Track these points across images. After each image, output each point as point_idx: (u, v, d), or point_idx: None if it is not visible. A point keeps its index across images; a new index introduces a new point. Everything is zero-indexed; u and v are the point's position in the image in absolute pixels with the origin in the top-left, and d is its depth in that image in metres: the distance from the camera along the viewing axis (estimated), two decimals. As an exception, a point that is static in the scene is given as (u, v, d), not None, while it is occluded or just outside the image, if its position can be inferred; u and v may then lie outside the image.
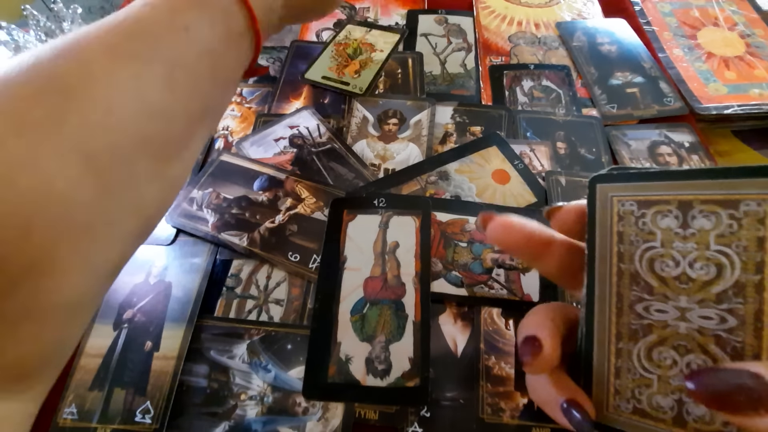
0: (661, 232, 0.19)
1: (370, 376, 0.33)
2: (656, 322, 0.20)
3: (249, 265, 0.39)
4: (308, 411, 0.33)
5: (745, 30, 0.58)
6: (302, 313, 0.37)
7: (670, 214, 0.19)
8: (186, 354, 0.35)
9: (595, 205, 0.21)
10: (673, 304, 0.19)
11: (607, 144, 0.47)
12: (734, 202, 0.18)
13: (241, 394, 0.33)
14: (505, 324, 0.36)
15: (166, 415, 0.32)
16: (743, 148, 0.50)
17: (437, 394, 0.33)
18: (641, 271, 0.20)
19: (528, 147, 0.46)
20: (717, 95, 0.51)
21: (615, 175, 0.21)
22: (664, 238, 0.19)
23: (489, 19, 0.60)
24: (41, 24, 0.58)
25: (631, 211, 0.20)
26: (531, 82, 0.53)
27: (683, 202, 0.19)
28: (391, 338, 0.35)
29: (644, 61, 0.54)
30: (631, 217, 0.20)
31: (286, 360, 0.35)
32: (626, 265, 0.20)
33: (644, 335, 0.20)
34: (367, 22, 0.59)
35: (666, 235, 0.19)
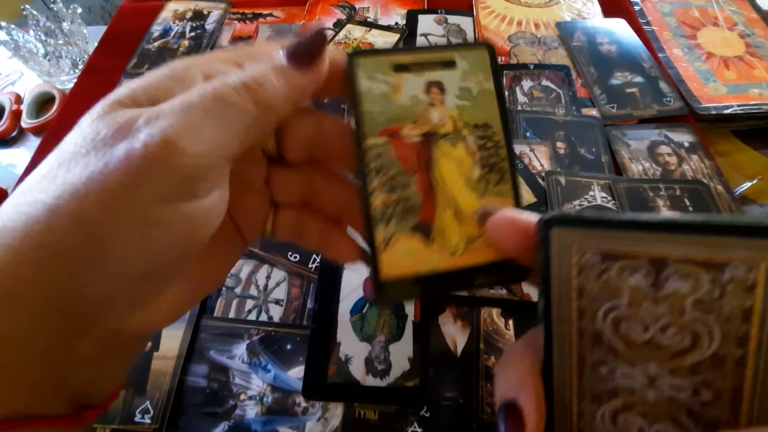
0: (628, 290, 0.17)
1: (370, 376, 0.33)
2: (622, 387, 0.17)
3: (249, 265, 0.39)
4: (308, 411, 0.33)
5: (745, 30, 0.58)
6: (302, 313, 0.37)
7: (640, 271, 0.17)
8: (186, 354, 0.35)
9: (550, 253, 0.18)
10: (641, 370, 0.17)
11: (607, 144, 0.47)
12: (719, 265, 0.15)
13: (240, 394, 0.33)
14: (505, 324, 0.36)
15: (165, 415, 0.32)
16: (743, 148, 0.50)
17: (437, 394, 0.33)
18: (605, 332, 0.17)
19: (528, 147, 0.46)
20: (717, 95, 0.51)
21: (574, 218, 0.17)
22: (632, 297, 0.17)
23: (489, 19, 0.60)
24: (41, 24, 0.58)
25: (593, 264, 0.17)
26: (531, 82, 0.53)
27: (656, 258, 0.16)
28: (391, 338, 0.35)
29: (644, 61, 0.54)
30: (593, 271, 0.17)
31: (286, 360, 0.35)
32: (588, 324, 0.17)
33: (609, 399, 0.18)
34: (366, 21, 0.59)
35: (634, 294, 0.17)
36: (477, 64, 0.21)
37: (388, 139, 0.20)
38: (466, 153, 0.21)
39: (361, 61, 0.20)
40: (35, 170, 0.16)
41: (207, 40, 0.58)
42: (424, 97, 0.20)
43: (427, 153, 0.20)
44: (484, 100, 0.21)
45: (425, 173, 0.20)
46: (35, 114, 0.57)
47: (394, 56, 0.20)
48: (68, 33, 0.60)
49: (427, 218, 0.20)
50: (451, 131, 0.21)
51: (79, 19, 0.61)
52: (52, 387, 0.17)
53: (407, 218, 0.20)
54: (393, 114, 0.20)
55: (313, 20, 0.60)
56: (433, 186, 0.20)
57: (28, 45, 0.57)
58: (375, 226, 0.20)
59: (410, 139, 0.20)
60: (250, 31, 0.59)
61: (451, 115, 0.21)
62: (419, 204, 0.20)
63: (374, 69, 0.20)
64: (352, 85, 0.20)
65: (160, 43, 0.58)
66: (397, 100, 0.20)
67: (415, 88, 0.20)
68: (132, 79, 0.56)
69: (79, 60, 0.61)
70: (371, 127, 0.20)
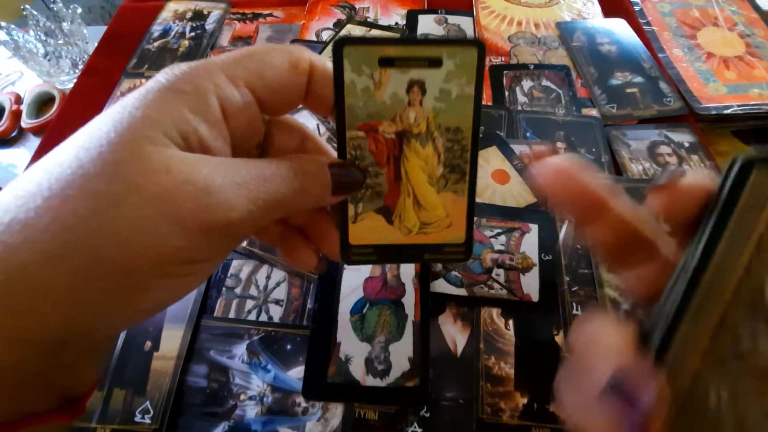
0: None
1: (370, 376, 0.33)
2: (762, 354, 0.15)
3: (249, 265, 0.39)
4: (308, 411, 0.33)
5: (745, 30, 0.58)
6: (302, 313, 0.37)
7: None
8: (186, 354, 0.35)
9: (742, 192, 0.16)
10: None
11: (607, 144, 0.47)
12: None
13: (240, 394, 0.33)
14: (505, 324, 0.36)
15: (165, 415, 0.32)
16: (743, 148, 0.50)
17: (437, 394, 0.33)
18: None
19: (528, 147, 0.46)
20: (717, 95, 0.51)
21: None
22: None
23: (489, 19, 0.60)
24: (41, 24, 0.58)
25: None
26: (531, 82, 0.53)
27: None
28: (391, 338, 0.35)
29: (644, 61, 0.54)
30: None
31: (286, 360, 0.35)
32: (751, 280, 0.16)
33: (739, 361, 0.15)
34: (366, 21, 0.59)
35: None
36: (463, 65, 0.21)
37: (365, 133, 0.22)
38: (433, 153, 0.23)
39: (348, 51, 0.21)
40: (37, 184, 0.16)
41: (207, 40, 0.58)
42: (405, 96, 0.22)
43: (399, 149, 0.22)
44: (460, 105, 0.22)
45: (394, 167, 0.23)
46: (35, 114, 0.57)
47: (382, 48, 0.21)
48: (68, 33, 0.60)
49: (390, 204, 0.23)
50: (423, 131, 0.22)
51: (79, 19, 0.61)
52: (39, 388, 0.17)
53: (374, 201, 0.23)
54: (373, 110, 0.22)
55: (313, 20, 0.60)
56: (400, 178, 0.23)
57: (28, 45, 0.57)
58: (348, 204, 0.23)
59: (386, 135, 0.22)
60: (250, 31, 0.59)
61: (426, 116, 0.22)
62: (385, 192, 0.23)
63: (360, 61, 0.21)
64: (338, 74, 0.21)
65: (160, 43, 0.58)
66: (378, 98, 0.21)
67: (398, 85, 0.21)
68: (132, 80, 0.55)
69: (79, 60, 0.61)
70: (352, 120, 0.22)
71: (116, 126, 0.16)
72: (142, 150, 0.16)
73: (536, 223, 0.40)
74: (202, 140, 0.18)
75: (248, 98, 0.20)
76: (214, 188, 0.17)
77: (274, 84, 0.20)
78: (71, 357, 0.17)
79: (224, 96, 0.19)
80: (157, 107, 0.17)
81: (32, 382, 0.17)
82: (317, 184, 0.21)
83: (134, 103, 0.17)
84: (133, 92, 0.18)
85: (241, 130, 0.20)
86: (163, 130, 0.17)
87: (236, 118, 0.19)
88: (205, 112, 0.18)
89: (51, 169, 0.16)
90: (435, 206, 0.24)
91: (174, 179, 0.16)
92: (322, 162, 0.21)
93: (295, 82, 0.21)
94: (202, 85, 0.18)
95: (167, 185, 0.16)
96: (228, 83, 0.19)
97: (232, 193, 0.17)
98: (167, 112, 0.17)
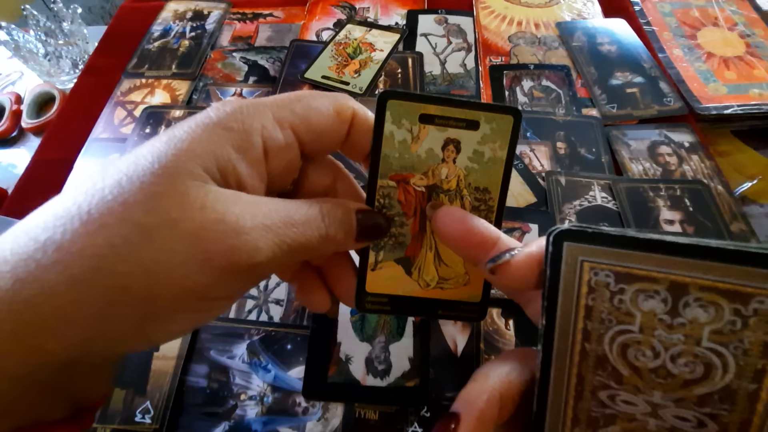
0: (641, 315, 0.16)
1: (370, 376, 0.33)
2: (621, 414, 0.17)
3: (249, 265, 0.39)
4: (308, 411, 0.33)
5: (745, 30, 0.58)
6: (302, 313, 0.37)
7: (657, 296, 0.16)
8: (186, 354, 0.35)
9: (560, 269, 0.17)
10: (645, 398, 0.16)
11: (607, 144, 0.47)
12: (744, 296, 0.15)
13: (241, 394, 0.33)
14: (505, 324, 0.36)
15: (166, 415, 0.32)
16: (743, 148, 0.50)
17: (437, 394, 0.33)
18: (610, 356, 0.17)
19: (528, 147, 0.46)
20: (717, 95, 0.51)
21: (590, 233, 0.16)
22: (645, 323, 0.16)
23: (489, 19, 0.60)
24: (41, 24, 0.58)
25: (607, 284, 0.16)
26: (531, 82, 0.53)
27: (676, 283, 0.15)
28: (391, 338, 0.35)
29: (644, 61, 0.54)
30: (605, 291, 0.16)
31: (286, 360, 0.35)
32: (592, 346, 0.17)
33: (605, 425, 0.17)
34: (367, 21, 0.59)
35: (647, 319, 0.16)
36: (499, 130, 0.22)
37: (396, 183, 0.22)
38: None
39: (391, 104, 0.21)
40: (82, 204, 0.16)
41: (207, 40, 0.58)
42: (440, 153, 0.22)
43: (426, 202, 0.23)
44: (492, 167, 0.22)
45: (419, 219, 0.23)
46: (35, 114, 0.57)
47: (424, 105, 0.21)
48: (68, 33, 0.60)
49: (412, 255, 0.24)
50: (453, 188, 0.23)
51: (79, 19, 0.61)
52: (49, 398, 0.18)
53: (395, 251, 0.23)
54: (407, 163, 0.22)
55: (313, 20, 0.60)
56: (424, 231, 0.23)
57: (29, 45, 0.57)
58: (369, 251, 0.23)
59: (416, 187, 0.23)
60: (250, 31, 0.59)
61: (458, 174, 0.22)
62: (408, 243, 0.23)
63: (402, 115, 0.21)
64: (378, 124, 0.21)
65: (160, 43, 0.58)
66: (414, 151, 0.22)
67: (434, 142, 0.22)
68: (132, 80, 0.55)
69: (79, 60, 0.61)
70: (385, 169, 0.22)
71: (161, 157, 0.17)
72: (182, 184, 0.17)
73: (536, 223, 0.40)
74: (240, 177, 0.19)
75: (291, 140, 0.20)
76: (243, 230, 0.17)
77: (318, 129, 0.21)
78: (83, 371, 0.18)
79: (269, 137, 0.19)
80: (203, 142, 0.18)
81: (42, 392, 0.17)
82: (342, 230, 0.21)
83: (181, 135, 0.18)
84: (183, 122, 0.19)
85: (280, 169, 0.21)
86: (204, 165, 0.17)
87: (277, 158, 0.20)
88: (248, 151, 0.19)
89: (93, 192, 0.16)
90: (455, 263, 0.24)
91: (207, 217, 0.17)
92: (350, 208, 0.21)
93: (337, 128, 0.21)
94: (249, 125, 0.19)
95: (200, 222, 0.16)
96: (275, 125, 0.20)
97: (260, 236, 0.18)
98: (212, 148, 0.18)
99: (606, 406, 0.17)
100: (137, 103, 0.52)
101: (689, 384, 0.16)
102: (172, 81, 0.54)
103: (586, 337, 0.17)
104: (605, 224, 0.38)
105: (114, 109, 0.51)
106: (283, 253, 0.18)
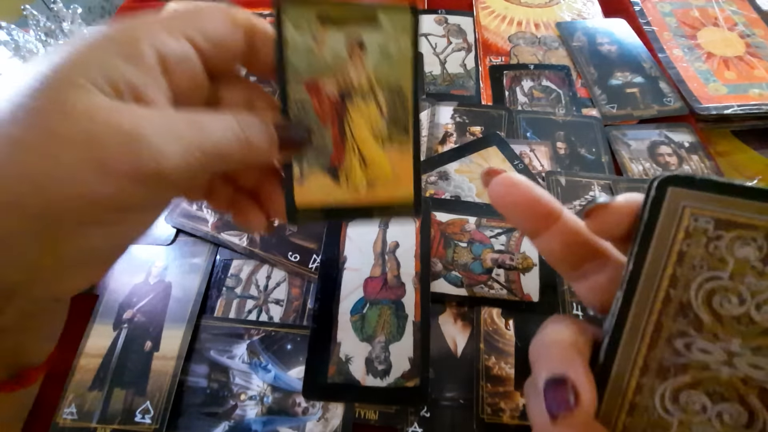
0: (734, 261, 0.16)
1: (370, 376, 0.33)
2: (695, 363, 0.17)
3: (249, 265, 0.39)
4: (308, 411, 0.33)
5: (745, 30, 0.58)
6: (302, 313, 0.37)
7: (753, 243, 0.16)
8: (186, 354, 0.35)
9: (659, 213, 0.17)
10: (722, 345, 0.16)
11: (607, 144, 0.47)
12: None
13: (241, 394, 0.33)
14: (505, 324, 0.36)
15: (165, 415, 0.32)
16: (743, 148, 0.50)
17: (437, 394, 0.33)
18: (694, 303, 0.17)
19: (528, 147, 0.46)
20: (717, 95, 0.51)
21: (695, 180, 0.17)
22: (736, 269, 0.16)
23: (489, 19, 0.60)
24: (41, 24, 0.58)
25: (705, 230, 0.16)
26: (531, 82, 0.53)
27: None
28: (391, 338, 0.35)
29: (644, 61, 0.54)
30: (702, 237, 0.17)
31: (286, 360, 0.35)
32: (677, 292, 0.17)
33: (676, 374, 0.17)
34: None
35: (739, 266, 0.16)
36: (401, 27, 0.22)
37: (308, 92, 0.22)
38: (376, 110, 0.23)
39: (288, 10, 0.21)
40: None
41: (207, 40, 0.58)
42: (346, 55, 0.22)
43: (342, 108, 0.23)
44: (400, 64, 0.23)
45: (338, 125, 0.23)
46: (35, 114, 0.57)
47: (320, 6, 0.21)
48: (68, 33, 0.60)
49: (337, 163, 0.23)
50: (366, 89, 0.23)
51: (79, 19, 0.61)
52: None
53: (320, 161, 0.23)
54: (315, 68, 0.22)
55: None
56: (344, 136, 0.23)
57: (29, 45, 0.57)
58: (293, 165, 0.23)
59: (329, 94, 0.22)
60: (250, 31, 0.59)
61: (367, 74, 0.22)
62: (331, 151, 0.23)
63: (301, 19, 0.21)
64: (279, 33, 0.21)
65: (160, 43, 0.58)
66: (320, 55, 0.22)
67: (338, 44, 0.22)
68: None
69: (79, 60, 0.61)
70: (294, 78, 0.22)
71: (41, 75, 0.16)
72: (66, 98, 0.16)
73: (536, 223, 0.40)
74: (135, 88, 0.17)
75: (188, 49, 0.19)
76: (142, 135, 0.16)
77: (214, 37, 0.20)
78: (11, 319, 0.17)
79: (161, 45, 0.18)
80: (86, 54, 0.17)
81: None
82: (263, 139, 0.20)
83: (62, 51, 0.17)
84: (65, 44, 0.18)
85: (184, 84, 0.19)
86: (90, 78, 0.16)
87: (177, 70, 0.19)
88: (138, 59, 0.18)
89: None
90: (381, 163, 0.24)
91: (97, 126, 0.16)
92: (266, 118, 0.21)
93: (234, 35, 0.21)
94: (135, 35, 0.18)
95: (90, 132, 0.16)
96: (166, 34, 0.18)
97: (163, 141, 0.17)
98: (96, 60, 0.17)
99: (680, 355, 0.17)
100: (137, 103, 0.51)
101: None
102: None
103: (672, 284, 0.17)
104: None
105: (114, 109, 0.51)
106: (197, 161, 0.18)
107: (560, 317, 0.20)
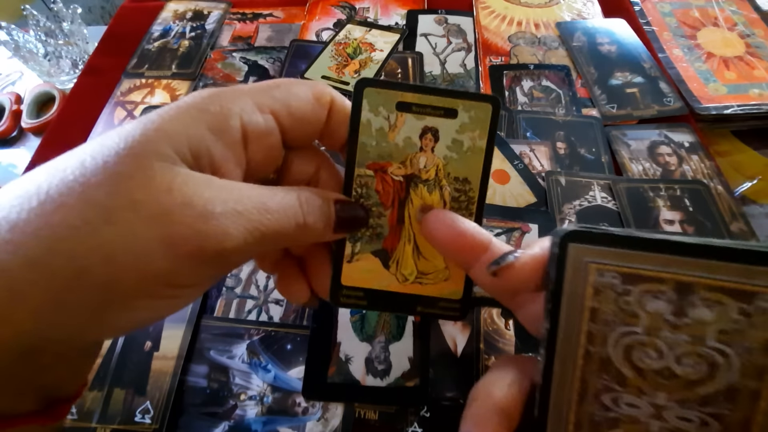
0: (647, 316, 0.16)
1: (370, 376, 0.33)
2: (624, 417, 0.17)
3: (249, 265, 0.39)
4: (308, 411, 0.33)
5: (745, 30, 0.58)
6: (302, 313, 0.37)
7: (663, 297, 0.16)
8: (186, 354, 0.35)
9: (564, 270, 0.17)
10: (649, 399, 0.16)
11: (607, 144, 0.47)
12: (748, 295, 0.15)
13: (240, 394, 0.33)
14: (505, 324, 0.36)
15: (165, 415, 0.32)
16: (743, 149, 0.50)
17: (437, 394, 0.33)
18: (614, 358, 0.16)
19: (528, 147, 0.46)
20: (717, 95, 0.51)
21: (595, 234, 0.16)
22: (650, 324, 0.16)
23: (489, 19, 0.60)
24: (41, 24, 0.58)
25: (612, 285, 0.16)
26: (531, 82, 0.53)
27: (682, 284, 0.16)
28: (391, 338, 0.35)
29: (644, 61, 0.54)
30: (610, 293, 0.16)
31: (286, 360, 0.35)
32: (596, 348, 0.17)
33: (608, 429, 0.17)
34: (366, 21, 0.59)
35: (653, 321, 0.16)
36: (477, 118, 0.21)
37: (374, 172, 0.22)
38: (440, 200, 0.22)
39: (368, 92, 0.21)
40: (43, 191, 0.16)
41: (207, 40, 0.58)
42: (417, 141, 0.22)
43: (405, 192, 0.22)
44: (471, 156, 0.22)
45: (398, 210, 0.22)
46: (35, 114, 0.57)
47: (401, 93, 0.21)
48: (68, 33, 0.60)
49: (389, 248, 0.23)
50: (432, 178, 0.22)
51: (79, 19, 0.61)
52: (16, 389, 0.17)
53: (373, 243, 0.23)
54: (385, 152, 0.22)
55: (313, 20, 0.60)
56: (402, 222, 0.23)
57: (28, 45, 0.57)
58: (345, 242, 0.23)
59: (394, 177, 0.22)
60: (250, 31, 0.59)
61: (436, 163, 0.22)
62: (386, 234, 0.23)
63: (378, 102, 0.21)
64: (355, 111, 0.21)
65: (160, 43, 0.58)
66: (392, 139, 0.22)
67: (412, 130, 0.22)
68: (132, 80, 0.55)
69: (79, 60, 0.61)
70: (363, 158, 0.22)
71: (128, 138, 0.16)
72: (148, 165, 0.16)
73: (536, 223, 0.40)
74: (214, 160, 0.18)
75: (271, 125, 0.20)
76: (212, 214, 0.16)
77: (298, 114, 0.20)
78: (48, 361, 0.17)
79: (248, 121, 0.19)
80: (175, 123, 0.17)
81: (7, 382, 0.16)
82: (320, 220, 0.20)
83: (153, 117, 0.17)
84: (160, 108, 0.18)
85: (261, 156, 0.20)
86: (175, 146, 0.17)
87: (257, 143, 0.19)
88: (224, 133, 0.18)
89: (54, 172, 0.16)
90: (435, 256, 0.23)
91: (173, 200, 0.16)
92: (328, 197, 0.21)
93: (317, 114, 0.21)
94: (227, 107, 0.18)
95: (165, 205, 0.16)
96: (254, 108, 0.19)
97: (230, 221, 0.17)
98: (185, 129, 0.17)
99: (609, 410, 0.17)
100: (137, 104, 0.52)
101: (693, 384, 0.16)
102: (172, 81, 0.54)
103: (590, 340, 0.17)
104: (605, 224, 0.39)
105: (114, 110, 0.51)
106: (256, 241, 0.18)
107: (504, 361, 0.21)
